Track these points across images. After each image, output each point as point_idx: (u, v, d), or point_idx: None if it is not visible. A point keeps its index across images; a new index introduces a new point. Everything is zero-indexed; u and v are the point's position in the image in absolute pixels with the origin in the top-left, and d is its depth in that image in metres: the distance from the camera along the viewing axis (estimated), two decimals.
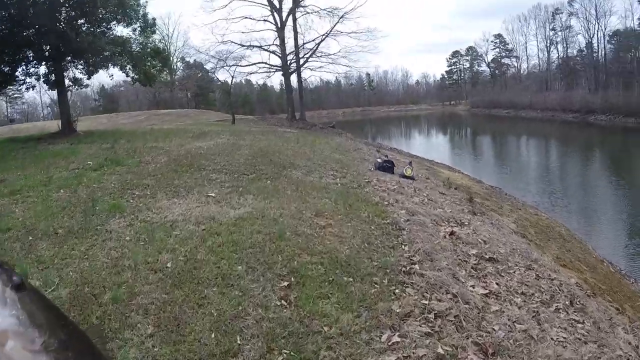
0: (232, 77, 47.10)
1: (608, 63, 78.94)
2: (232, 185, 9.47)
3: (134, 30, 22.90)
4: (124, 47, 21.82)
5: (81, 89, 27.06)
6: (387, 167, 14.18)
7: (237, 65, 47.61)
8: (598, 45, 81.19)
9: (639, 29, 73.00)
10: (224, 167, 11.30)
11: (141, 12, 22.64)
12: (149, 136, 19.38)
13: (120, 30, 23.43)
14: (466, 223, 9.41)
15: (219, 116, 47.81)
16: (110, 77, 25.36)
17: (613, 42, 78.94)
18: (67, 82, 23.30)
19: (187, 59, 78.76)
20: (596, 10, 77.89)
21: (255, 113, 76.34)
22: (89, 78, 24.46)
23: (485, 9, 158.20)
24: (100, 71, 23.13)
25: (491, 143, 48.85)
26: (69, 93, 25.64)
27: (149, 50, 22.82)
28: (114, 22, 22.29)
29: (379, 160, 14.61)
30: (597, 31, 79.72)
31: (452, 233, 8.16)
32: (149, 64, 23.21)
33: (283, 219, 7.15)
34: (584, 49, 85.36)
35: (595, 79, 79.29)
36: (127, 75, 23.67)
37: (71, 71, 23.54)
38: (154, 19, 23.66)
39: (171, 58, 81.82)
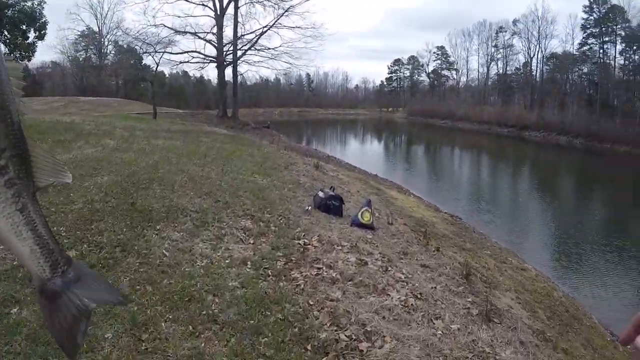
0: (157, 64, 40.51)
1: (544, 83, 79.15)
2: None
3: None
4: None
5: None
6: (332, 206, 8.87)
7: (165, 52, 41.34)
8: (537, 65, 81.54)
9: (576, 53, 73.40)
10: None
11: None
12: None
13: None
14: None
15: (146, 108, 41.27)
16: None
17: (549, 63, 79.37)
18: None
19: (121, 43, 69.99)
20: (539, 32, 78.35)
21: (190, 107, 70.12)
22: None
23: (431, 20, 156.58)
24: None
25: (432, 155, 44.84)
26: None
27: (18, 14, 16.46)
28: None
29: (320, 194, 9.21)
30: (537, 52, 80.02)
31: None
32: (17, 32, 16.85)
33: None
34: (521, 67, 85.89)
35: (531, 96, 79.19)
36: None
37: None
38: None
39: (102, 40, 73.68)
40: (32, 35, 17.64)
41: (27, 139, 1.04)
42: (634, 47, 66.41)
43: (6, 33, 16.71)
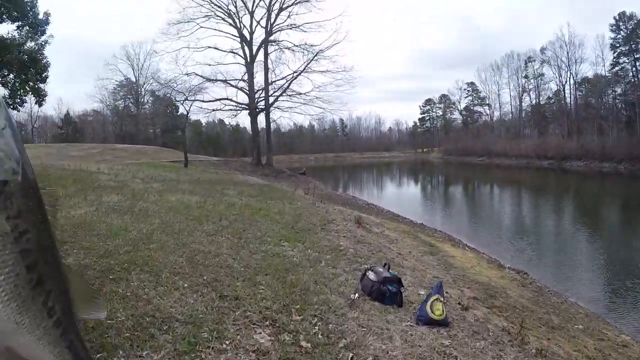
0: (188, 112, 39.41)
1: (579, 109, 76.38)
2: None
3: (20, 28, 15.25)
4: None
5: None
6: (387, 292, 6.22)
7: (195, 100, 40.15)
8: (570, 92, 79.00)
9: (608, 75, 71.32)
10: None
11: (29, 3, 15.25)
12: None
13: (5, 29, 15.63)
14: None
15: (181, 156, 40.06)
16: None
17: (582, 89, 77.12)
18: None
19: (157, 93, 70.11)
20: (568, 58, 76.21)
21: (226, 155, 69.48)
22: None
23: (457, 58, 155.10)
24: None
25: (474, 196, 41.72)
26: None
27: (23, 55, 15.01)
28: None
29: (371, 275, 6.43)
30: (569, 78, 77.74)
31: None
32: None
33: None
34: (552, 96, 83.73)
35: (568, 125, 76.21)
36: None
37: None
38: (47, 15, 16.03)
39: (140, 90, 74.17)
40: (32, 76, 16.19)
41: (65, 272, 1.12)
42: None
43: (11, 75, 15.20)
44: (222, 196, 14.27)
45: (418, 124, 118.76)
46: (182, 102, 40.51)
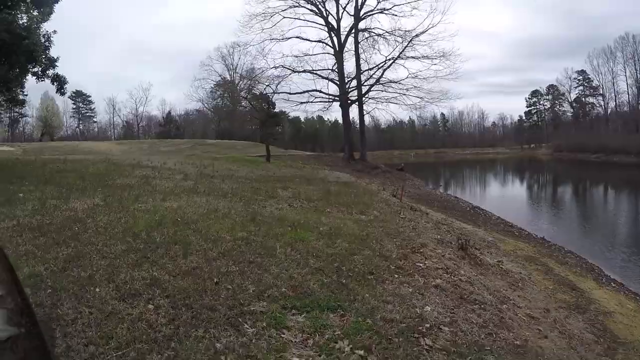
0: (270, 102, 35.98)
1: None
2: None
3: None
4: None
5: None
6: None
7: (281, 92, 36.67)
8: None
9: None
10: None
11: None
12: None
13: None
14: None
15: (274, 151, 37.04)
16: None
17: None
18: None
19: (254, 91, 67.72)
20: None
21: (325, 150, 67.35)
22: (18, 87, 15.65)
23: (564, 46, 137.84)
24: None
25: (599, 203, 33.12)
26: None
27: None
28: None
29: None
30: None
31: None
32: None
33: None
34: None
35: None
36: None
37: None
38: None
39: (236, 87, 72.46)
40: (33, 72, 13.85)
41: None
42: None
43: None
44: (266, 199, 9.95)
45: (524, 118, 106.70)
46: (263, 91, 37.17)
